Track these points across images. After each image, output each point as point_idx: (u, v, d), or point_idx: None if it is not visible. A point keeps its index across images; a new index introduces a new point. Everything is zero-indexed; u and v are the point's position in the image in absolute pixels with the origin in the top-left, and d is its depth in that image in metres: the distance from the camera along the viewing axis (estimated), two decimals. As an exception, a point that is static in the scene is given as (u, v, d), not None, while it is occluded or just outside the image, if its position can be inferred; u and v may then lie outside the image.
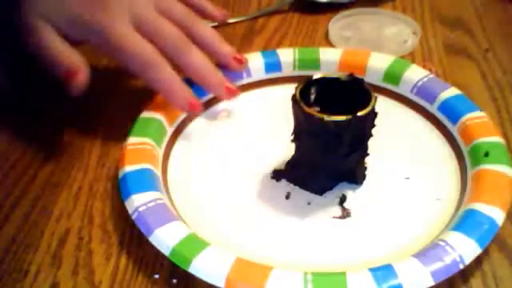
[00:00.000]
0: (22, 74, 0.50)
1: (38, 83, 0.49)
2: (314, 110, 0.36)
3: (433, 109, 0.44)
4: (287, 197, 0.39)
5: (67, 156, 0.43)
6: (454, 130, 0.42)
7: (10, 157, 0.43)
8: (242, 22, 0.58)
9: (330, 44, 0.55)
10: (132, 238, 0.36)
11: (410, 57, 0.53)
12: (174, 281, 0.34)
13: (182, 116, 0.44)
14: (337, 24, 0.57)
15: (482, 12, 0.60)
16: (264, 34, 0.57)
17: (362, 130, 0.37)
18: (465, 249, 0.33)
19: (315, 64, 0.48)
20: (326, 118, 0.35)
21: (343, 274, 0.31)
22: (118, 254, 0.36)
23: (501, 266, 0.35)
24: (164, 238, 0.33)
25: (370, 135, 0.38)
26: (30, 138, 0.45)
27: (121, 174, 0.38)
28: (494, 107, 0.47)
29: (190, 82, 0.43)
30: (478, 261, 0.34)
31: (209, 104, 0.46)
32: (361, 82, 0.38)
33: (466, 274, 0.34)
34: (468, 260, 0.32)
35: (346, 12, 0.59)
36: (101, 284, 0.34)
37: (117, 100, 0.48)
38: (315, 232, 0.37)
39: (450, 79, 0.50)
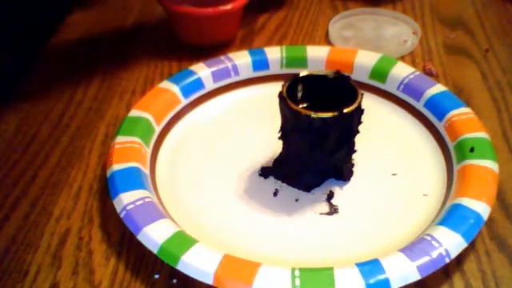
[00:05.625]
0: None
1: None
2: (300, 107, 0.35)
3: (419, 106, 0.43)
4: (275, 194, 0.38)
5: (67, 156, 0.42)
6: (440, 126, 0.41)
7: (10, 157, 0.42)
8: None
9: (330, 44, 0.53)
10: (132, 238, 0.34)
11: (410, 57, 0.51)
12: (174, 281, 0.33)
13: (170, 115, 0.43)
14: (337, 24, 0.56)
15: (482, 12, 0.58)
16: (264, 33, 0.55)
17: (348, 127, 0.36)
18: (451, 243, 0.31)
19: (302, 62, 0.47)
20: (313, 114, 0.33)
21: (330, 269, 0.30)
22: (118, 253, 0.34)
23: (501, 266, 0.33)
24: (152, 236, 0.32)
25: (357, 132, 0.37)
26: (30, 137, 0.43)
27: (109, 172, 0.37)
28: (493, 107, 0.45)
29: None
30: (478, 261, 0.33)
31: (197, 102, 0.45)
32: (347, 79, 0.37)
33: (466, 273, 0.33)
34: (454, 254, 0.31)
35: (346, 12, 0.57)
36: (101, 284, 0.33)
37: (116, 100, 0.47)
38: (303, 228, 0.36)
39: (450, 79, 0.48)
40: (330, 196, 0.37)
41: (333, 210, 0.36)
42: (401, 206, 0.37)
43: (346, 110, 0.34)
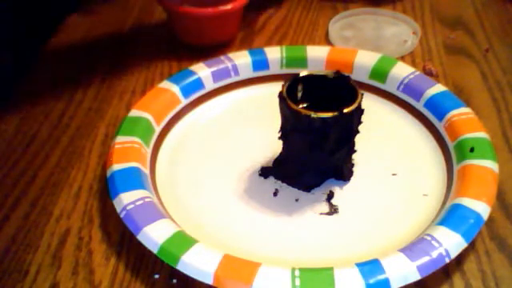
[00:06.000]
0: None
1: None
2: (300, 107, 0.35)
3: (419, 106, 0.43)
4: (275, 194, 0.38)
5: (67, 156, 0.42)
6: (440, 126, 0.41)
7: (10, 157, 0.42)
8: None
9: (330, 44, 0.53)
10: (132, 238, 0.34)
11: (410, 57, 0.51)
12: (174, 281, 0.33)
13: (170, 115, 0.43)
14: (337, 24, 0.56)
15: (482, 12, 0.58)
16: (264, 33, 0.55)
17: (348, 127, 0.35)
18: (451, 243, 0.31)
19: (302, 62, 0.47)
20: (313, 114, 0.33)
21: (330, 269, 0.30)
22: (118, 253, 0.34)
23: (501, 266, 0.33)
24: (152, 236, 0.32)
25: (357, 132, 0.37)
26: (30, 137, 0.43)
27: (109, 172, 0.36)
28: (494, 107, 0.45)
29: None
30: (478, 261, 0.33)
31: (197, 102, 0.45)
32: (347, 79, 0.37)
33: (466, 273, 0.33)
34: (454, 254, 0.31)
35: (346, 12, 0.57)
36: (101, 284, 0.33)
37: (116, 100, 0.47)
38: (303, 228, 0.35)
39: (450, 79, 0.48)
40: (330, 196, 0.37)
41: (333, 210, 0.36)
42: (401, 206, 0.36)
43: (346, 110, 0.34)
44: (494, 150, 0.37)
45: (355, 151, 0.38)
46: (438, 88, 0.42)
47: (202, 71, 0.45)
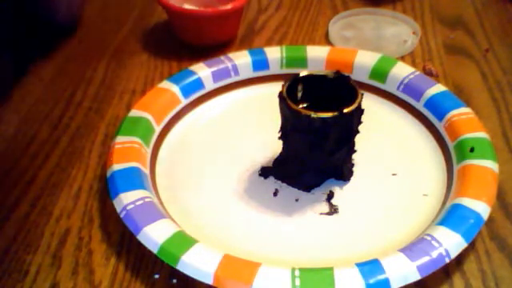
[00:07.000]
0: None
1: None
2: (300, 107, 0.35)
3: (419, 106, 0.43)
4: (275, 194, 0.38)
5: (67, 156, 0.42)
6: (440, 126, 0.41)
7: (10, 157, 0.42)
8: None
9: (330, 44, 0.53)
10: (132, 238, 0.34)
11: (410, 57, 0.51)
12: (174, 281, 0.33)
13: (170, 115, 0.43)
14: (337, 24, 0.56)
15: (482, 12, 0.58)
16: (264, 33, 0.55)
17: (348, 127, 0.35)
18: (451, 243, 0.31)
19: (302, 62, 0.47)
20: (313, 114, 0.33)
21: (330, 269, 0.30)
22: (118, 253, 0.34)
23: (501, 266, 0.33)
24: (152, 236, 0.32)
25: (357, 132, 0.37)
26: (30, 137, 0.43)
27: (109, 172, 0.36)
28: (494, 107, 0.45)
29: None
30: (478, 261, 0.33)
31: (197, 102, 0.45)
32: (347, 79, 0.37)
33: (466, 273, 0.33)
34: (454, 254, 0.31)
35: (346, 12, 0.57)
36: (101, 284, 0.33)
37: (116, 100, 0.47)
38: (303, 228, 0.35)
39: (450, 79, 0.48)
40: (330, 196, 0.37)
41: (333, 210, 0.36)
42: (401, 206, 0.36)
43: (346, 110, 0.34)
44: (494, 150, 0.37)
45: (355, 151, 0.38)
46: (438, 88, 0.42)
47: (202, 71, 0.45)
